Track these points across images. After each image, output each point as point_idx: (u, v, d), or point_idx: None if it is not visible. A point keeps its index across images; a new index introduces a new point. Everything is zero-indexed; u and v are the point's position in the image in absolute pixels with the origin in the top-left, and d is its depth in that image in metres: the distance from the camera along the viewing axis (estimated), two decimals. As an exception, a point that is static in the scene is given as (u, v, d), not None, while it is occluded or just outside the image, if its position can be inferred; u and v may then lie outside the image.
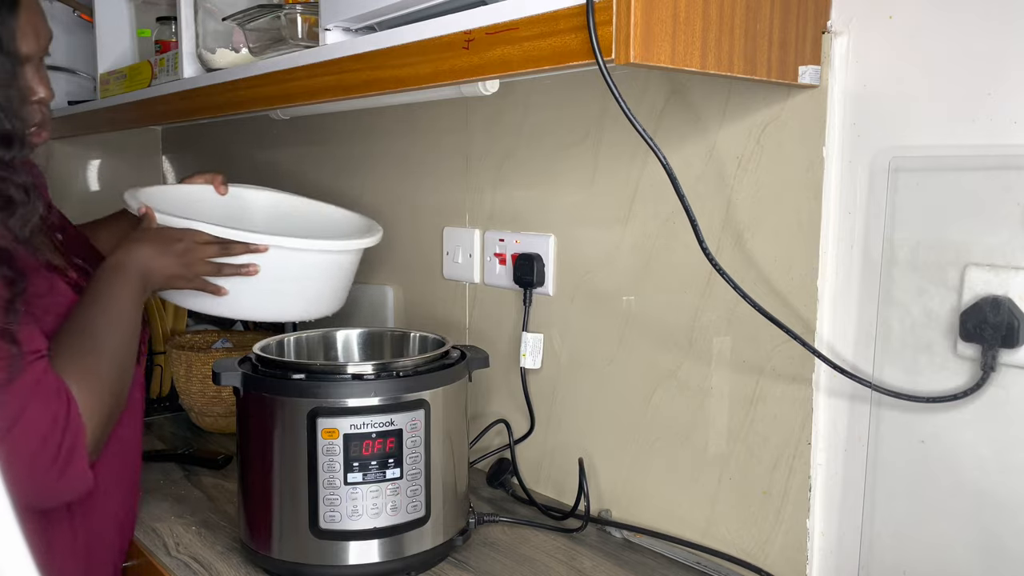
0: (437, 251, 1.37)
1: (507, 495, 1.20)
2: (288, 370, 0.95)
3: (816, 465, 0.88)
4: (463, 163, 1.31)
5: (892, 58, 0.80)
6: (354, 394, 0.92)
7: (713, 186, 0.95)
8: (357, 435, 0.92)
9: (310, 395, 0.92)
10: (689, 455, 1.01)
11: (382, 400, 0.93)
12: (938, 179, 0.77)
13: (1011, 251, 0.73)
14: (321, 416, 0.91)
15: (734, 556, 0.96)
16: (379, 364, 0.95)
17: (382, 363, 0.95)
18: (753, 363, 0.93)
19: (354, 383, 0.93)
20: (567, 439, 1.17)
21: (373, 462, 0.93)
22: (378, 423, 0.92)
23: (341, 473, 0.92)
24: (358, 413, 0.92)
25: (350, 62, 0.96)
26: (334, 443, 0.92)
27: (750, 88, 0.90)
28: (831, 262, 0.86)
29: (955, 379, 0.77)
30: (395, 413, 0.93)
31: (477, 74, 0.80)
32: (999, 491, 0.75)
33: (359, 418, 0.92)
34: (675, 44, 0.69)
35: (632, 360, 1.07)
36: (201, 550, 1.02)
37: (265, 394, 0.95)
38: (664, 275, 1.02)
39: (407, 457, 0.94)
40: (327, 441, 0.92)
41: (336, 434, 0.92)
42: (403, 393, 0.94)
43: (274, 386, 0.94)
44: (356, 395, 0.92)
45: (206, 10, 1.29)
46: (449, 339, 1.07)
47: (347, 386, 0.93)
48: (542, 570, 0.98)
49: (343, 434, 0.92)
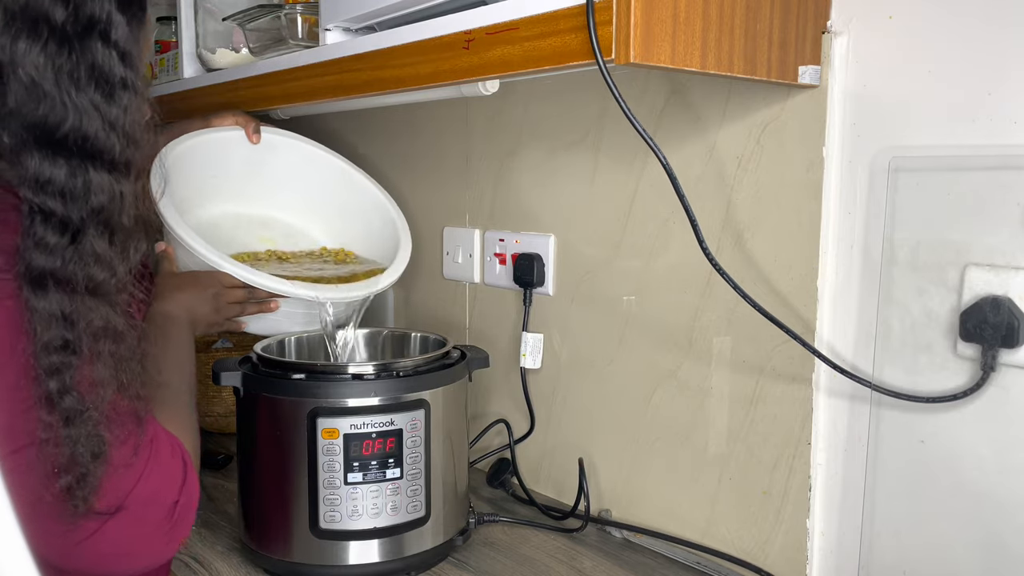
0: (437, 251, 1.37)
1: (507, 495, 1.20)
2: (288, 370, 0.95)
3: (816, 465, 0.88)
4: (463, 163, 1.31)
5: (892, 58, 0.80)
6: (354, 394, 0.92)
7: (713, 186, 0.95)
8: (357, 435, 0.92)
9: (310, 395, 0.92)
10: (689, 455, 1.01)
11: (382, 400, 0.93)
12: (938, 179, 0.77)
13: (1011, 251, 0.73)
14: (321, 416, 0.91)
15: (734, 556, 0.96)
16: (379, 364, 0.95)
17: (382, 363, 0.95)
18: (753, 363, 0.93)
19: (354, 383, 0.93)
20: (567, 439, 1.17)
21: (373, 462, 0.92)
22: (378, 423, 0.92)
23: (341, 473, 0.92)
24: (358, 413, 0.92)
25: (350, 62, 0.96)
26: (334, 443, 0.92)
27: (750, 88, 0.90)
28: (831, 262, 0.86)
29: (955, 379, 0.77)
30: (395, 413, 0.93)
31: (477, 74, 0.80)
32: (999, 491, 0.75)
33: (359, 418, 0.92)
34: (675, 44, 0.69)
35: (632, 360, 1.07)
36: (201, 550, 1.02)
37: (265, 394, 0.95)
38: (664, 275, 1.02)
39: (407, 457, 0.94)
40: (327, 441, 0.92)
41: (336, 434, 0.92)
42: (403, 393, 0.94)
43: (274, 386, 0.94)
44: (356, 395, 0.92)
45: (206, 10, 1.30)
46: (450, 339, 1.07)
47: (347, 386, 0.92)
48: (542, 570, 0.98)
49: (343, 434, 0.91)
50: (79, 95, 0.65)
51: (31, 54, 0.63)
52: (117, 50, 0.67)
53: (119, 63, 0.67)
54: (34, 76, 0.63)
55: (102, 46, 0.66)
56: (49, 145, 0.65)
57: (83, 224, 0.66)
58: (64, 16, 0.64)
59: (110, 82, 0.67)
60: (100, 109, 0.66)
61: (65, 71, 0.64)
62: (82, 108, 0.65)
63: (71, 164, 0.65)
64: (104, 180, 0.67)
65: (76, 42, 0.65)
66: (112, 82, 0.67)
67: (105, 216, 0.68)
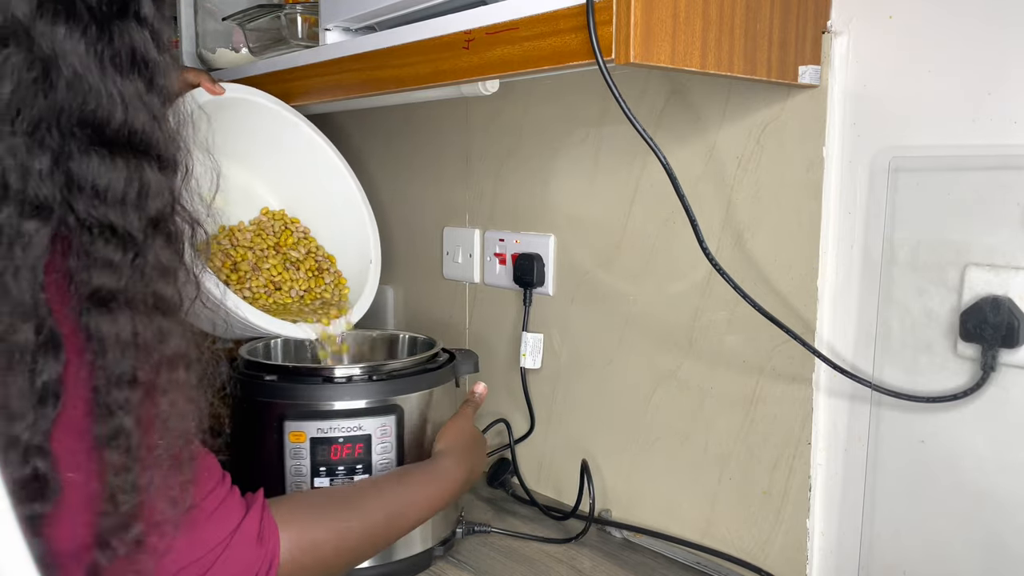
0: (437, 251, 1.37)
1: (507, 495, 1.20)
2: (262, 371, 0.95)
3: (816, 465, 0.88)
4: (463, 163, 1.31)
5: (892, 58, 0.80)
6: (323, 397, 0.90)
7: (713, 186, 0.95)
8: (324, 439, 0.90)
9: (279, 397, 0.91)
10: (689, 455, 1.01)
11: (351, 404, 0.91)
12: (938, 179, 0.77)
13: (1011, 251, 0.73)
14: (289, 419, 0.90)
15: (734, 556, 0.96)
16: (351, 367, 0.94)
17: (355, 366, 0.93)
18: (753, 363, 0.93)
19: (324, 386, 0.91)
20: (567, 439, 1.17)
21: (340, 467, 0.90)
22: (345, 428, 0.90)
23: (308, 477, 0.90)
24: (325, 417, 0.90)
25: (350, 62, 0.96)
26: (301, 447, 0.90)
27: (750, 88, 0.90)
28: (831, 262, 0.86)
29: (955, 379, 0.77)
30: (363, 418, 0.91)
31: (477, 74, 0.80)
32: (999, 491, 0.75)
33: (326, 422, 0.90)
34: (675, 44, 0.69)
35: (632, 360, 1.07)
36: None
37: (240, 395, 0.94)
38: (664, 275, 1.01)
39: (377, 464, 0.91)
40: (294, 444, 0.90)
41: (303, 437, 0.90)
42: (373, 397, 0.92)
43: (248, 387, 0.94)
44: (324, 398, 0.90)
45: (206, 10, 1.30)
46: (440, 341, 1.06)
47: (316, 389, 0.91)
48: (542, 570, 0.98)
49: (310, 438, 0.90)
50: (124, 83, 0.57)
51: (71, 40, 0.54)
52: (151, 30, 0.59)
53: (152, 45, 0.59)
54: (76, 66, 0.54)
55: (137, 27, 0.58)
56: (104, 144, 0.56)
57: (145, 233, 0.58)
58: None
59: (151, 68, 0.59)
60: (144, 99, 0.58)
61: (107, 58, 0.56)
62: (128, 98, 0.57)
63: (129, 164, 0.57)
64: (159, 180, 0.59)
65: (115, 24, 0.57)
66: (153, 68, 0.59)
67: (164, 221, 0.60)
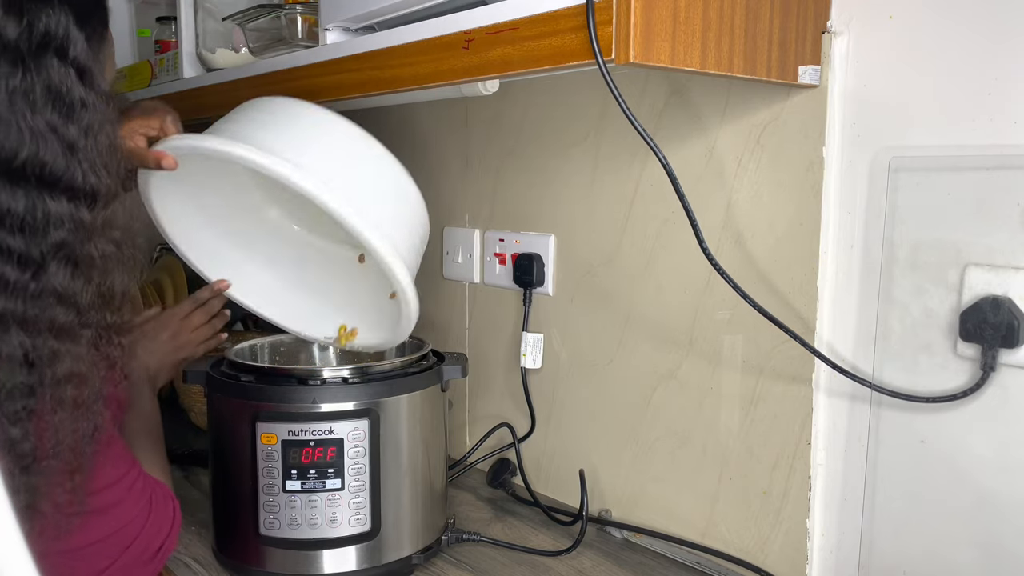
0: (437, 251, 1.37)
1: (507, 495, 1.20)
2: (240, 371, 0.95)
3: (816, 465, 0.88)
4: (463, 163, 1.31)
5: (892, 58, 0.80)
6: (293, 399, 0.90)
7: (713, 186, 0.95)
8: (295, 442, 0.89)
9: (253, 398, 0.91)
10: (689, 455, 1.01)
11: (323, 407, 0.90)
12: (938, 179, 0.77)
13: (1011, 251, 0.73)
14: (261, 420, 0.90)
15: (734, 556, 0.96)
16: (327, 369, 0.94)
17: (333, 368, 0.93)
18: (753, 363, 0.93)
19: (297, 388, 0.90)
20: (567, 439, 1.17)
21: (312, 471, 0.90)
22: (316, 431, 0.89)
23: (280, 480, 0.90)
24: (297, 419, 0.89)
25: (350, 62, 0.96)
26: (272, 449, 0.90)
27: (750, 88, 0.90)
28: (831, 262, 0.86)
29: (955, 379, 0.77)
30: (336, 421, 0.90)
31: (477, 74, 0.80)
32: (999, 491, 0.75)
33: (297, 425, 0.89)
34: (675, 44, 0.69)
35: (632, 360, 1.07)
36: (201, 550, 1.02)
37: (220, 395, 0.95)
38: (664, 275, 1.01)
39: (349, 468, 0.90)
40: (266, 446, 0.90)
41: (275, 439, 0.90)
42: (346, 400, 0.91)
43: (226, 388, 0.94)
44: (295, 401, 0.90)
45: (206, 10, 1.30)
46: (429, 343, 1.05)
47: (290, 391, 0.90)
48: (542, 570, 0.98)
49: (281, 440, 0.89)
50: (35, 118, 0.60)
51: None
52: (76, 68, 0.62)
53: (77, 82, 0.62)
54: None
55: (59, 64, 0.61)
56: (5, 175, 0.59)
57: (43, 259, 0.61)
58: (17, 33, 0.59)
59: (68, 103, 0.62)
60: (58, 132, 0.61)
61: (19, 93, 0.59)
62: (39, 132, 0.60)
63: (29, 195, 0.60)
64: (64, 210, 0.62)
65: (31, 61, 0.60)
66: (71, 102, 0.62)
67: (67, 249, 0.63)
